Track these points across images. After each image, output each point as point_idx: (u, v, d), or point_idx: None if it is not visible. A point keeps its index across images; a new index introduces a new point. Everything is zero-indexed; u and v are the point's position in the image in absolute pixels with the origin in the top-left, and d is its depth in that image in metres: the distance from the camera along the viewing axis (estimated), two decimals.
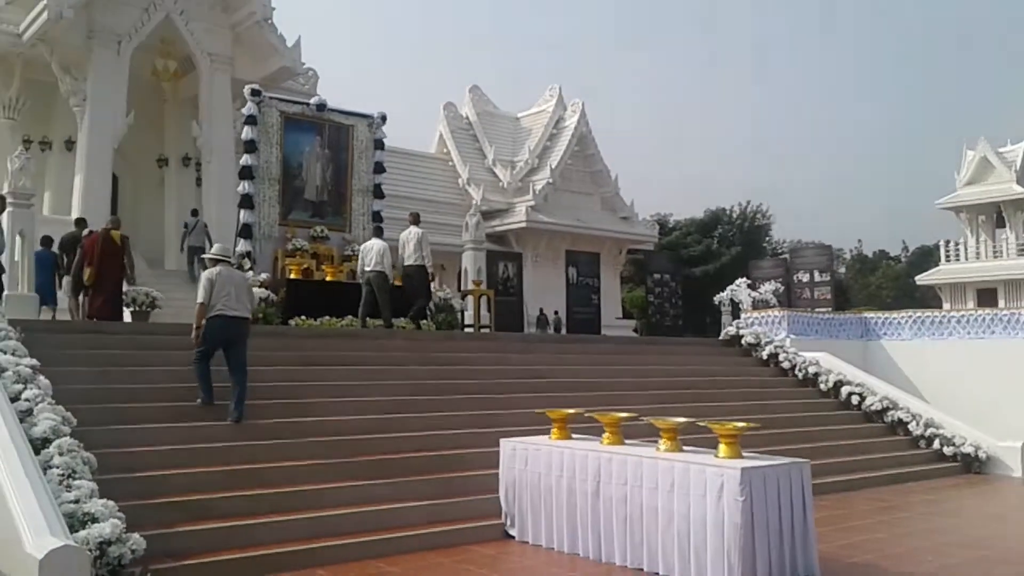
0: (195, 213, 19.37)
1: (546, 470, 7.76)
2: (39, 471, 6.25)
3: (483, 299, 16.20)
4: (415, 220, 14.12)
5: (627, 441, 7.57)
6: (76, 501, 6.17)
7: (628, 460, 7.02)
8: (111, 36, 18.77)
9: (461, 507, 8.32)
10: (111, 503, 6.23)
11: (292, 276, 13.83)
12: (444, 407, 10.21)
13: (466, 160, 31.78)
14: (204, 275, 9.06)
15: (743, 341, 15.98)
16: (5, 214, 13.23)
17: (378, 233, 14.02)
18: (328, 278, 14.23)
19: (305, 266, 14.20)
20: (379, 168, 15.89)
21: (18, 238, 13.39)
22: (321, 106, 15.34)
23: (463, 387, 10.97)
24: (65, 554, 5.29)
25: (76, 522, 5.95)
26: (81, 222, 14.14)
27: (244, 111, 14.70)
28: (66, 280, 13.15)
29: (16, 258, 13.42)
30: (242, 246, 14.34)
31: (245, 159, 14.60)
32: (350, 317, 13.59)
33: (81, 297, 12.47)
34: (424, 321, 14.25)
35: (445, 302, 14.75)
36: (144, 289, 13.11)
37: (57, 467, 6.53)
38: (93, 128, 18.65)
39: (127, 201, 21.87)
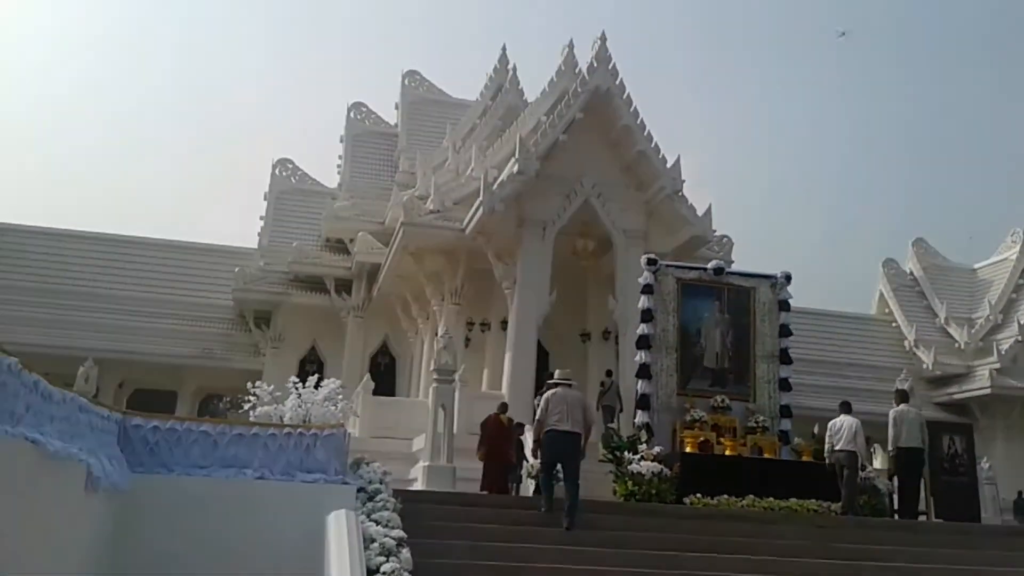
0: (609, 374, 19.68)
1: None
2: None
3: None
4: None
5: None
6: None
7: None
8: (537, 223, 20.40)
9: None
10: None
11: (688, 450, 13.05)
12: None
13: (912, 320, 28.72)
14: (544, 395, 10.45)
15: None
16: (432, 389, 14.56)
17: (846, 409, 13.02)
18: (727, 452, 13.19)
19: (703, 439, 13.33)
20: (785, 331, 14.72)
21: (440, 411, 14.50)
22: (719, 270, 14.83)
23: None
24: None
25: None
26: (503, 407, 15.00)
27: (640, 280, 14.74)
28: None
29: (439, 430, 14.49)
30: (640, 417, 14.00)
31: (642, 328, 14.47)
32: (751, 497, 12.36)
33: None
34: (839, 504, 12.51)
35: (867, 482, 12.77)
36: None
37: None
38: (520, 308, 20.12)
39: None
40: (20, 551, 5.64)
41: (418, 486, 14.06)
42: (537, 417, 10.40)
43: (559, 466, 10.13)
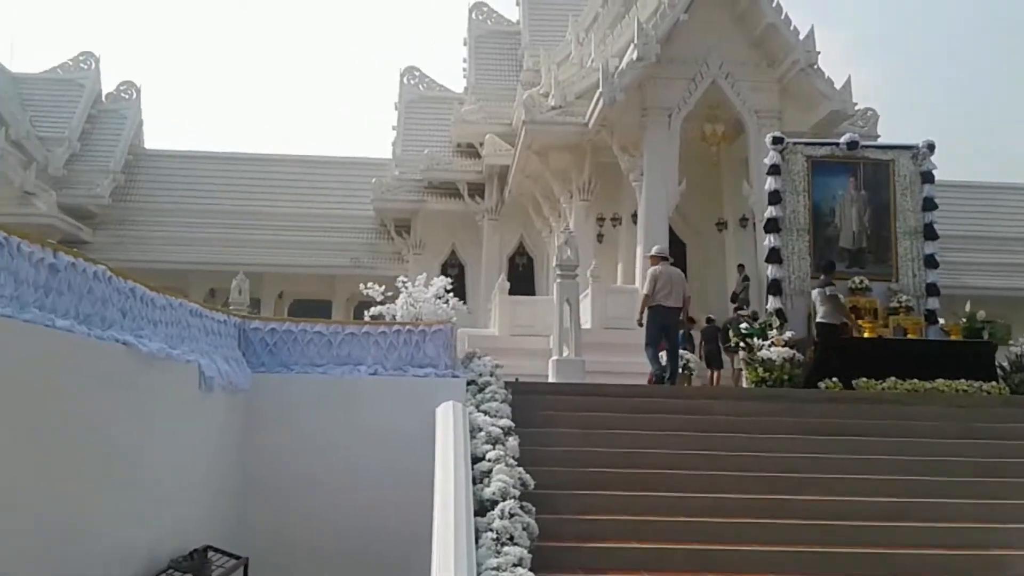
0: (741, 268, 19.05)
1: None
2: (469, 534, 6.30)
3: None
4: None
5: None
6: (497, 568, 6.07)
7: None
8: (661, 111, 19.65)
9: None
10: (528, 574, 6.00)
11: None
12: (979, 492, 8.01)
13: None
14: (649, 272, 11.67)
15: None
16: (556, 285, 14.56)
17: None
18: (866, 334, 12.55)
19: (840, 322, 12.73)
20: (929, 204, 13.66)
21: (566, 306, 14.48)
22: (853, 143, 13.84)
23: (1017, 468, 8.50)
24: None
25: None
26: None
27: (766, 161, 13.99)
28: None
29: (565, 325, 14.50)
30: (772, 303, 13.49)
31: (770, 211, 13.81)
32: (892, 379, 11.78)
33: None
34: (993, 383, 11.74)
35: (1019, 360, 11.88)
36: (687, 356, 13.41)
37: (494, 531, 6.55)
38: (649, 200, 19.62)
39: (695, 266, 22.54)
40: (128, 444, 6.08)
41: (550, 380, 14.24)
42: (645, 291, 11.79)
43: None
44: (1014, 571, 6.78)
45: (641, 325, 11.85)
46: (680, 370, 12.52)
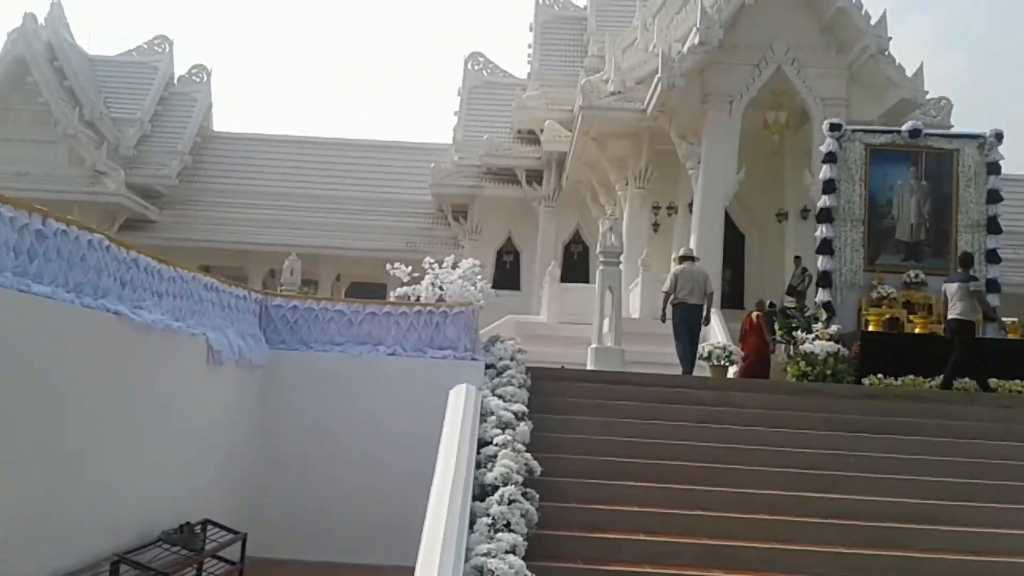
0: (797, 261, 18.47)
1: None
2: (462, 519, 6.14)
3: None
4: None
5: None
6: (487, 555, 5.91)
7: None
8: (723, 98, 19.13)
9: None
10: (519, 562, 5.82)
11: (871, 328, 12.00)
12: (1012, 498, 7.54)
13: None
14: (672, 270, 12.44)
15: None
16: (598, 272, 14.30)
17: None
18: (917, 330, 11.99)
19: (890, 316, 12.19)
20: (994, 197, 12.97)
21: (608, 293, 14.21)
22: (915, 131, 13.21)
23: None
24: None
25: None
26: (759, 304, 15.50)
27: (822, 148, 13.49)
28: None
29: (607, 313, 14.24)
30: (821, 296, 13.03)
31: (824, 200, 13.34)
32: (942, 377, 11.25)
33: None
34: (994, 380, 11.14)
35: None
36: (724, 345, 13.05)
37: (490, 516, 6.41)
38: (706, 188, 19.16)
39: (753, 256, 22.05)
40: (121, 414, 6.09)
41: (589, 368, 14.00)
42: (665, 289, 12.55)
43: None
44: None
45: (664, 321, 12.65)
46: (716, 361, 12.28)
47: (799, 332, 12.02)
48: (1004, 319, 12.62)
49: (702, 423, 8.84)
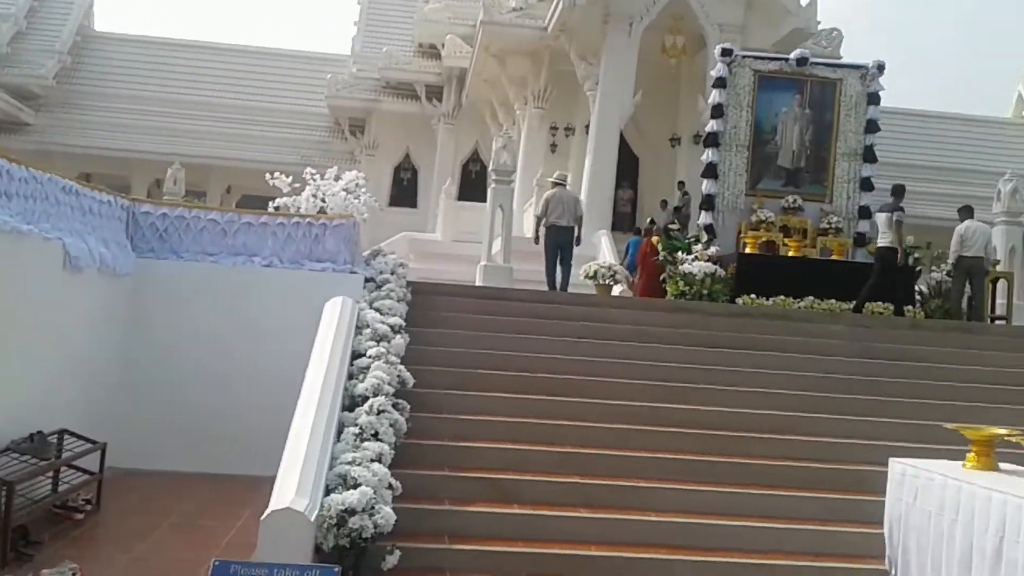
0: (681, 185, 18.85)
1: (938, 509, 5.45)
2: (328, 428, 6.15)
3: (1000, 284, 12.66)
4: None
5: None
6: (351, 463, 5.95)
7: None
8: (623, 19, 19.06)
9: (842, 539, 6.43)
10: (383, 470, 5.90)
11: (747, 250, 12.39)
12: (863, 410, 8.03)
13: None
14: (544, 195, 12.82)
15: None
16: (490, 190, 14.27)
17: (968, 214, 12.63)
18: (791, 253, 12.44)
19: (766, 240, 12.60)
20: (872, 127, 13.36)
21: (499, 211, 14.22)
22: (802, 60, 13.42)
23: (903, 388, 8.54)
24: (285, 517, 5.06)
25: (341, 486, 5.71)
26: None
27: (713, 73, 13.61)
28: None
29: (497, 232, 14.27)
30: (703, 218, 13.29)
31: (711, 125, 13.49)
32: (811, 298, 11.76)
33: None
34: (909, 308, 11.75)
35: (939, 286, 11.84)
36: (609, 264, 13.29)
37: (358, 426, 6.43)
38: (602, 110, 19.22)
39: (646, 179, 22.38)
40: None
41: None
42: (537, 214, 12.88)
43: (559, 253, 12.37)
44: (870, 486, 6.77)
45: (537, 243, 13.02)
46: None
47: (680, 253, 12.31)
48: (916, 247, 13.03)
49: (576, 338, 9.02)
